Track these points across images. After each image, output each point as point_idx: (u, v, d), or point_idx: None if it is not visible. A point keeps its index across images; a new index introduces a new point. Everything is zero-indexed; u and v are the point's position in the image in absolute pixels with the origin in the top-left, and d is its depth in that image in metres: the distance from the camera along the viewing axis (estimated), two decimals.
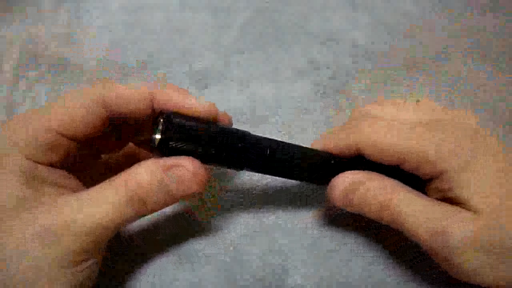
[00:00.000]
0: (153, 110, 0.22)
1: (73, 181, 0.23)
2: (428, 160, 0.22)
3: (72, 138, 0.22)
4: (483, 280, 0.22)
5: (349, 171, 0.24)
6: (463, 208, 0.22)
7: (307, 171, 0.24)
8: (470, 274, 0.21)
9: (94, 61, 0.35)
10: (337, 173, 0.24)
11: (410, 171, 0.23)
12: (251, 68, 0.35)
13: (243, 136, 0.22)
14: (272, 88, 0.34)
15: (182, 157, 0.21)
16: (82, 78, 0.34)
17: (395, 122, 0.23)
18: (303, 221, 0.28)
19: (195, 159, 0.21)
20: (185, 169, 0.21)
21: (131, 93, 0.22)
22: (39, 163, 0.21)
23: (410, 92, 0.26)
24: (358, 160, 0.24)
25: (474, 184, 0.21)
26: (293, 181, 0.29)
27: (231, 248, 0.27)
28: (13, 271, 0.19)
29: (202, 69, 0.35)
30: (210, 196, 0.29)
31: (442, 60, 0.36)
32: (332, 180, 0.24)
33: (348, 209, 0.24)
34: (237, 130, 0.23)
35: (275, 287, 0.25)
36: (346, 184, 0.24)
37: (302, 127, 0.32)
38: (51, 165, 0.22)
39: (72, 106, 0.21)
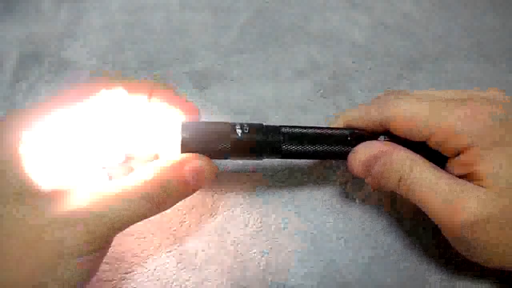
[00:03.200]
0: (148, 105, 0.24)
1: None
2: (457, 134, 0.22)
3: None
4: (490, 259, 0.22)
5: (372, 141, 0.24)
6: (482, 184, 0.22)
7: (324, 150, 0.25)
8: (479, 252, 0.22)
9: (94, 61, 0.35)
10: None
11: (436, 147, 0.23)
12: (251, 68, 0.35)
13: (257, 128, 0.24)
14: (272, 88, 0.34)
15: (194, 154, 0.23)
16: (82, 78, 0.34)
17: (425, 98, 0.23)
18: (304, 221, 0.28)
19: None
20: (201, 163, 0.22)
21: (132, 87, 0.23)
22: None
23: None
24: (376, 136, 0.25)
25: (498, 162, 0.21)
26: (293, 180, 0.29)
27: (232, 248, 0.27)
28: (24, 259, 0.19)
29: (202, 69, 0.35)
30: (211, 197, 0.29)
31: (442, 60, 0.36)
32: (355, 148, 0.24)
33: (366, 179, 0.24)
34: (250, 123, 0.24)
35: (276, 287, 0.26)
36: (368, 154, 0.24)
37: None
38: None
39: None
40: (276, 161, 0.30)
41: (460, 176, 0.23)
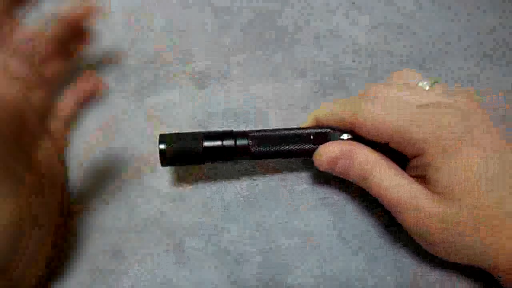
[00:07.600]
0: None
1: None
2: (411, 139, 0.23)
3: None
4: (443, 256, 0.24)
5: (335, 142, 0.26)
6: (431, 188, 0.23)
7: (289, 149, 0.27)
8: (433, 251, 0.24)
9: (94, 61, 0.35)
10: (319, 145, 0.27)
11: (397, 149, 0.24)
12: (251, 68, 0.35)
13: (225, 133, 0.27)
14: (272, 88, 0.34)
15: None
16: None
17: (390, 102, 0.24)
18: (303, 220, 0.28)
19: None
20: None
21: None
22: None
23: (429, 77, 0.26)
24: (340, 134, 0.27)
25: (443, 169, 0.22)
26: (293, 180, 0.29)
27: (231, 248, 0.27)
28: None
29: (202, 69, 0.35)
30: (210, 196, 0.29)
31: (442, 60, 0.36)
32: (319, 148, 0.26)
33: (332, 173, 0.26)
34: (220, 131, 0.27)
35: (275, 287, 0.25)
36: (330, 155, 0.25)
37: None
38: None
39: None
40: (275, 161, 0.30)
41: (417, 177, 0.24)
